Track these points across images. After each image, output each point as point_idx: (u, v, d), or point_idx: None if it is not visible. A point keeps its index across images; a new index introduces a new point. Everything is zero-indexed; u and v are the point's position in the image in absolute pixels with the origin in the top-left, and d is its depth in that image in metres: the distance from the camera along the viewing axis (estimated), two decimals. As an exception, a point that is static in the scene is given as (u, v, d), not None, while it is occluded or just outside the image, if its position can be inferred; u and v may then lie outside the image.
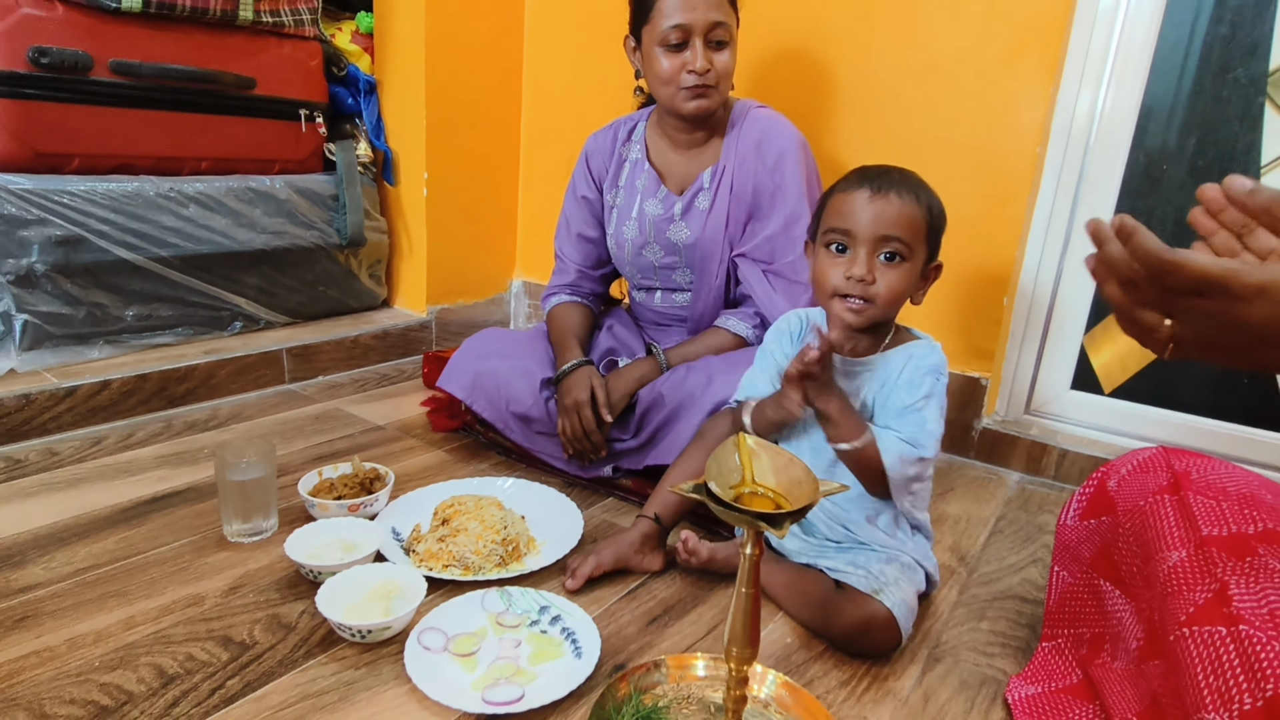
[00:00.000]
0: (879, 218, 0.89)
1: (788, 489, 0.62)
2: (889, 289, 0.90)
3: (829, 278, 0.92)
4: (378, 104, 1.96)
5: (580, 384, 1.26)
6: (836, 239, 0.92)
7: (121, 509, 1.15)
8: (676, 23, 1.20)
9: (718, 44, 1.23)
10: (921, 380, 0.92)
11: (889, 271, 0.90)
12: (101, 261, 1.47)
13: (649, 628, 0.95)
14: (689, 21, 1.20)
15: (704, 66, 1.22)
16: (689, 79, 1.23)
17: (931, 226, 0.92)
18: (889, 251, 0.90)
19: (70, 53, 1.40)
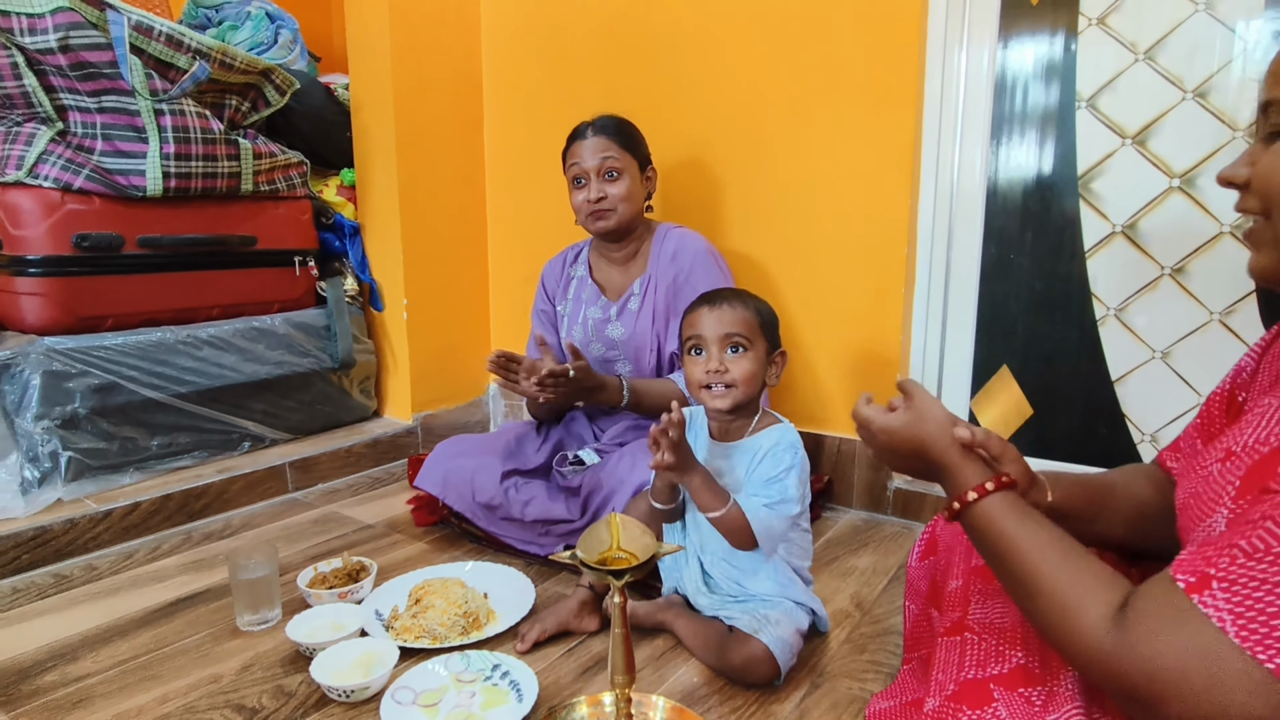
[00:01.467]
0: (720, 321, 1.16)
1: (640, 551, 0.86)
2: (741, 373, 1.15)
3: (693, 375, 1.18)
4: (362, 244, 2.28)
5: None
6: (693, 343, 1.18)
7: (152, 610, 1.38)
8: (574, 164, 1.57)
9: (610, 174, 1.56)
10: (782, 455, 1.16)
11: (738, 361, 1.16)
12: (131, 401, 1.74)
13: (581, 676, 1.16)
14: (584, 165, 1.56)
15: (597, 195, 1.56)
16: (587, 206, 1.57)
17: (764, 323, 1.18)
18: (733, 345, 1.16)
19: (105, 235, 1.72)
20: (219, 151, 1.83)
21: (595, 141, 1.56)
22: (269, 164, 1.98)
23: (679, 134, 1.95)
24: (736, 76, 1.86)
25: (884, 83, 1.67)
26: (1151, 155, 1.50)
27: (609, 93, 2.07)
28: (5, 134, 1.69)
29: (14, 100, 1.67)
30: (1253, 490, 0.56)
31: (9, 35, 1.59)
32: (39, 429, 1.62)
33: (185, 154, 1.77)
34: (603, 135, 1.57)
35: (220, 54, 1.81)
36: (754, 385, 1.17)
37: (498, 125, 2.35)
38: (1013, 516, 0.70)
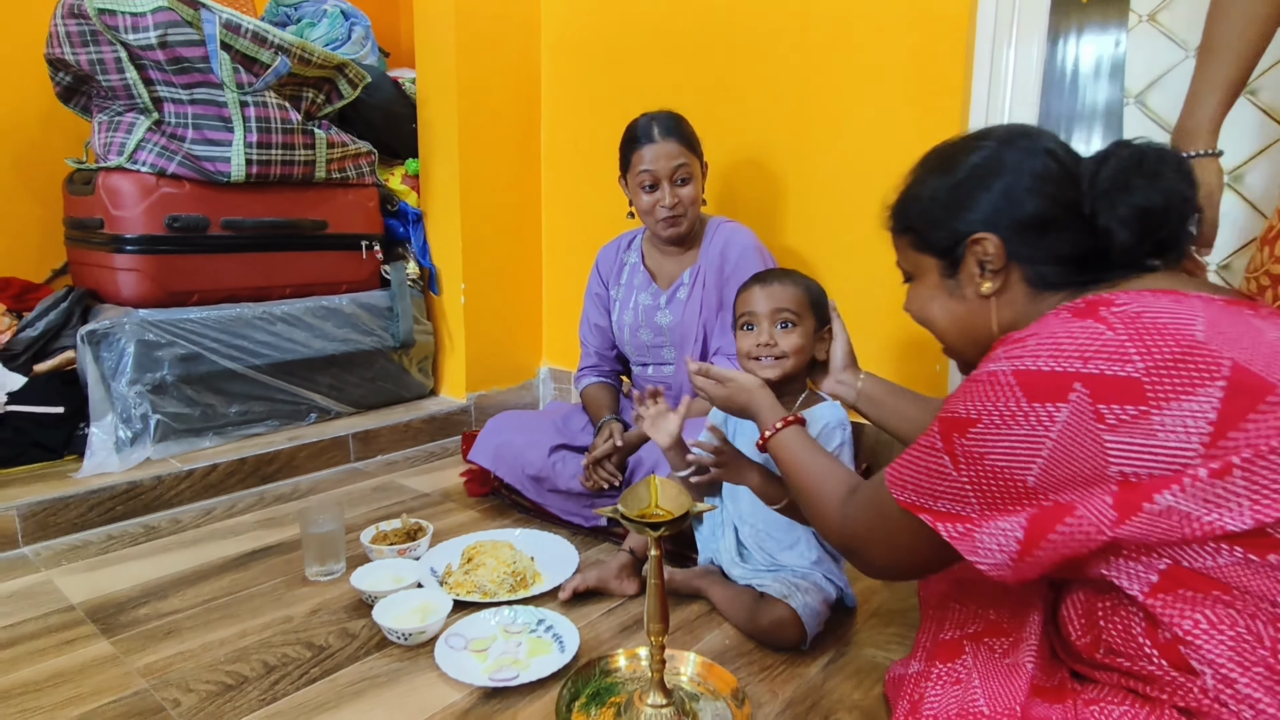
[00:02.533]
0: (771, 297, 1.22)
1: (676, 509, 0.93)
2: (790, 346, 1.21)
3: (743, 347, 1.24)
4: (423, 230, 2.41)
5: (606, 428, 1.62)
6: (745, 319, 1.24)
7: (230, 559, 1.51)
8: (646, 170, 1.59)
9: (682, 181, 1.60)
10: (834, 433, 1.21)
11: (788, 335, 1.21)
12: (212, 371, 1.89)
13: (620, 634, 1.24)
14: (656, 170, 1.58)
15: (672, 201, 1.59)
16: (662, 211, 1.60)
17: (813, 300, 1.23)
18: (783, 320, 1.22)
19: (194, 217, 1.86)
20: (296, 141, 1.97)
21: (667, 146, 1.57)
22: (340, 153, 2.11)
23: (729, 130, 2.01)
24: (786, 74, 1.91)
25: (931, 81, 1.70)
26: (1200, 152, 1.50)
27: (660, 89, 2.14)
28: (108, 123, 1.85)
29: (117, 92, 1.83)
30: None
31: (114, 32, 1.74)
32: (132, 393, 1.77)
33: (266, 143, 1.90)
34: (673, 139, 1.58)
35: (300, 50, 1.94)
36: (802, 358, 1.22)
37: (554, 119, 2.45)
38: (796, 443, 0.99)
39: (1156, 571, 0.65)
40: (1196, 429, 0.61)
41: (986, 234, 0.79)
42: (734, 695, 1.03)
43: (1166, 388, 0.62)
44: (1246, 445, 0.59)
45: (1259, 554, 0.60)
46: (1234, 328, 0.64)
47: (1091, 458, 0.64)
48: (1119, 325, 0.65)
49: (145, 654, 1.17)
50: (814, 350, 1.24)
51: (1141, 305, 0.66)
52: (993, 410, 0.68)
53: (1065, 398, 0.65)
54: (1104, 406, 0.63)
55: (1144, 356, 0.63)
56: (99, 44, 1.77)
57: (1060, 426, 0.65)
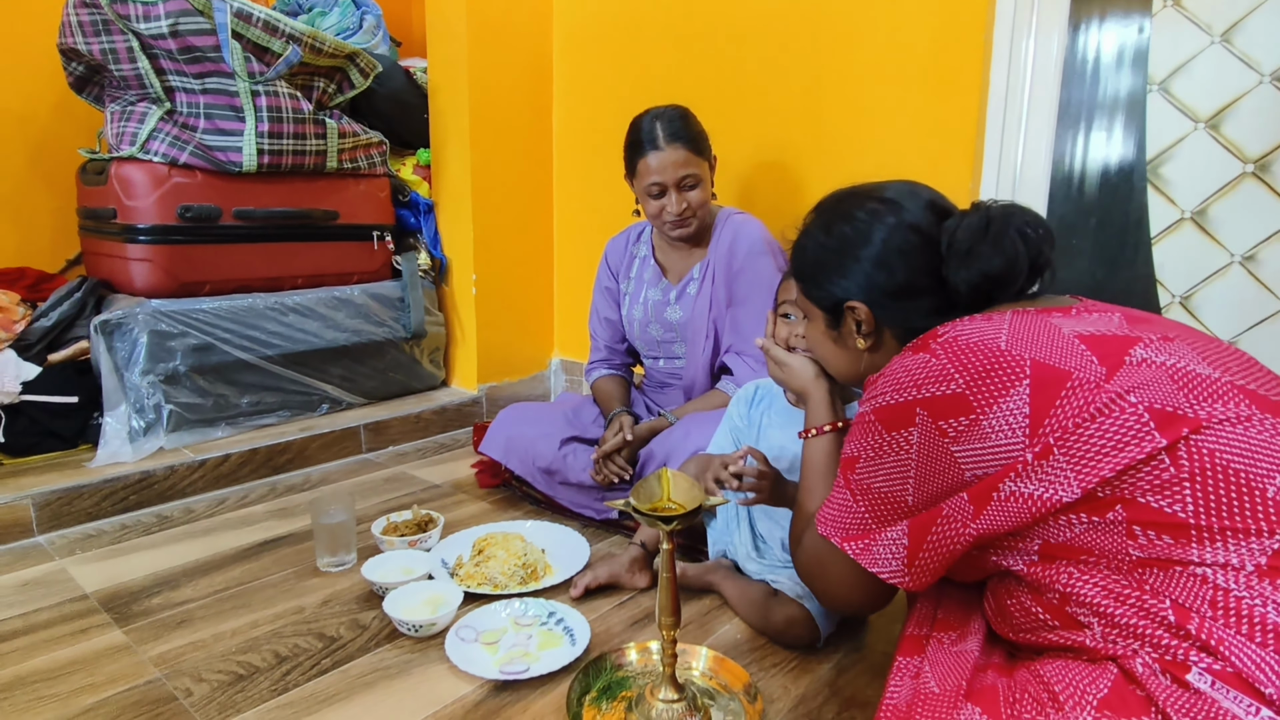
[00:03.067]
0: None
1: (688, 503, 0.92)
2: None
3: (780, 339, 1.21)
4: (435, 221, 2.40)
5: (616, 421, 1.61)
6: (785, 310, 1.21)
7: (242, 550, 1.51)
8: (654, 181, 1.56)
9: (689, 187, 1.57)
10: None
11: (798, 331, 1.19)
12: (225, 361, 1.89)
13: (631, 628, 1.23)
14: (663, 180, 1.56)
15: (679, 209, 1.57)
16: (670, 217, 1.58)
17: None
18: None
19: (206, 207, 1.86)
20: (308, 130, 1.96)
21: (673, 155, 1.53)
22: (352, 143, 2.10)
23: (742, 122, 1.99)
24: (801, 66, 1.89)
25: (948, 73, 1.67)
26: (1225, 140, 1.47)
27: (674, 80, 2.12)
28: (121, 113, 1.85)
29: (129, 82, 1.83)
30: None
31: (126, 21, 1.74)
32: (145, 383, 1.78)
33: (278, 132, 1.90)
34: (679, 145, 1.54)
35: (311, 39, 1.93)
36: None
37: (566, 111, 2.43)
38: (826, 454, 1.02)
39: (1033, 551, 0.73)
40: (1018, 424, 0.70)
41: (858, 303, 0.90)
42: (746, 691, 1.02)
43: (985, 395, 0.71)
44: (1058, 426, 0.68)
45: (1099, 514, 0.67)
46: (1032, 331, 0.73)
47: (948, 469, 0.74)
48: (940, 351, 0.75)
49: (158, 643, 1.18)
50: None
51: (956, 330, 0.76)
52: (867, 446, 0.80)
53: (913, 422, 0.75)
54: (943, 422, 0.73)
55: (962, 373, 0.73)
56: (111, 33, 1.77)
57: (916, 447, 0.76)
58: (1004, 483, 0.70)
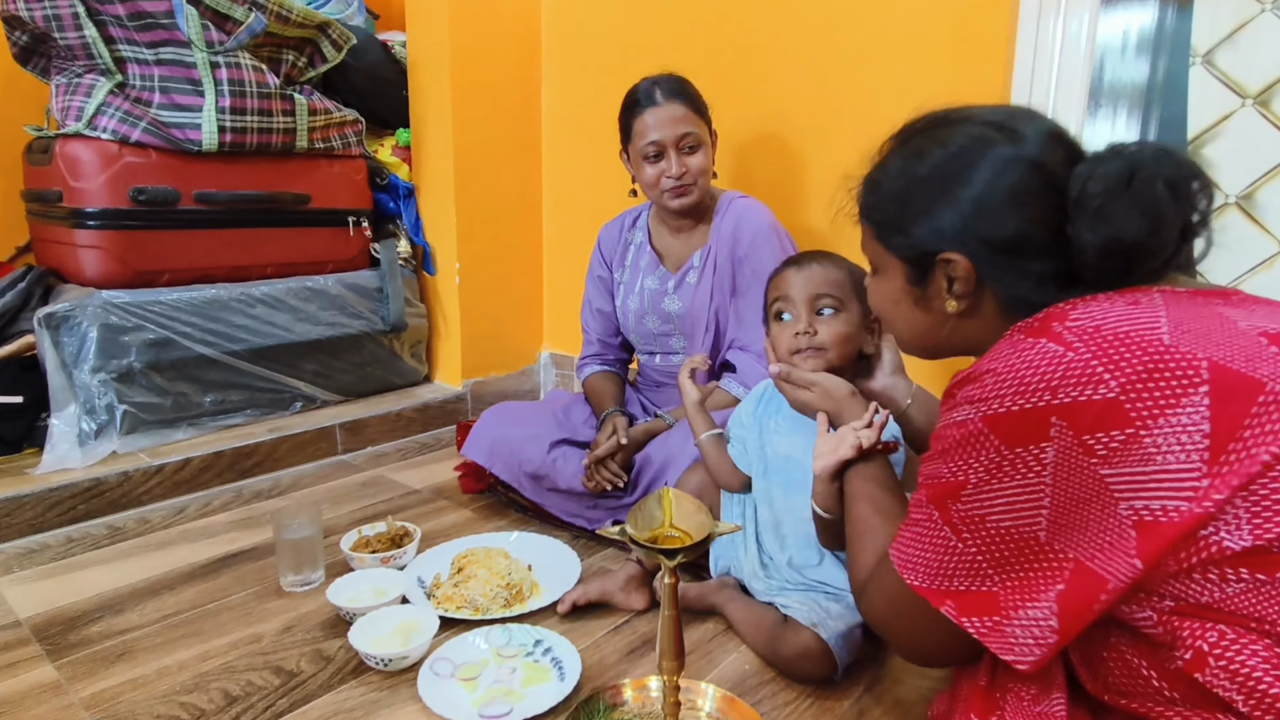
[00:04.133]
0: (808, 281, 1.07)
1: (694, 530, 0.79)
2: (831, 336, 1.05)
3: (780, 341, 1.08)
4: (416, 206, 2.25)
5: (608, 423, 1.48)
6: (778, 307, 1.09)
7: (199, 566, 1.38)
8: (651, 140, 1.43)
9: (689, 149, 1.45)
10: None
11: (829, 322, 1.06)
12: (185, 358, 1.75)
13: (627, 657, 1.11)
14: (661, 138, 1.43)
15: (679, 171, 1.44)
16: (668, 182, 1.45)
17: (857, 286, 1.07)
18: (823, 306, 1.07)
19: (162, 190, 1.71)
20: (274, 107, 1.81)
21: (671, 109, 1.42)
22: (324, 121, 1.95)
23: (744, 99, 1.84)
24: (807, 38, 1.74)
25: (970, 43, 1.53)
26: (1275, 117, 1.34)
27: (669, 54, 1.97)
28: (66, 85, 1.70)
29: (75, 51, 1.67)
30: None
31: (70, -16, 1.58)
32: (96, 381, 1.63)
33: (241, 108, 1.74)
34: (678, 102, 1.43)
35: (277, 6, 1.77)
36: (847, 349, 1.06)
37: (556, 88, 2.28)
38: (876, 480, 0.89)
39: (1163, 606, 0.58)
40: (1193, 444, 0.53)
41: (955, 255, 0.70)
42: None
43: (1148, 404, 0.54)
44: (1246, 456, 0.52)
45: (1267, 572, 0.53)
46: (1201, 323, 0.57)
47: (1096, 496, 0.57)
48: (1079, 343, 0.58)
49: (93, 680, 1.04)
50: (860, 343, 1.09)
51: (1094, 315, 0.60)
52: (976, 466, 0.62)
53: (1046, 435, 0.58)
54: (1089, 437, 0.56)
55: (1115, 373, 0.56)
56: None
57: (1052, 469, 0.58)
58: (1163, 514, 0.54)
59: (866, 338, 1.09)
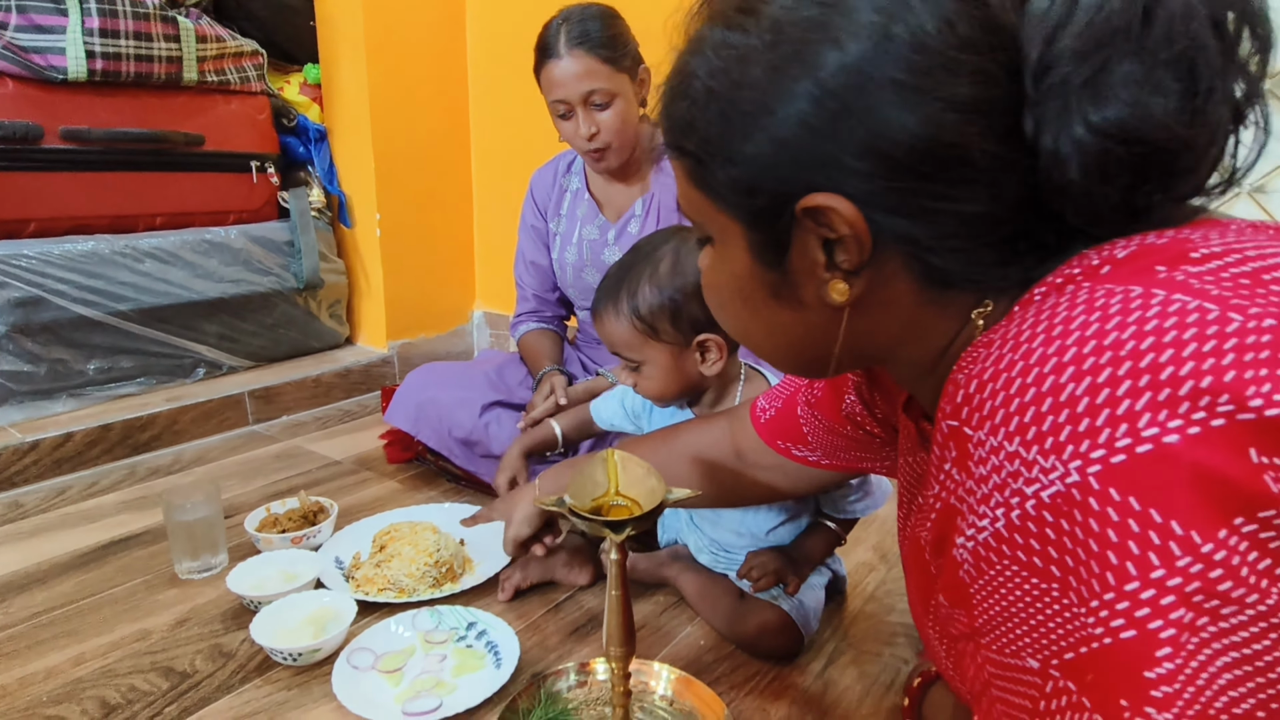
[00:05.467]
0: (607, 343, 0.97)
1: (645, 497, 0.68)
2: (644, 391, 0.98)
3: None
4: (329, 150, 2.05)
5: (545, 382, 1.37)
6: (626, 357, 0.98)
7: (81, 554, 1.21)
8: (555, 98, 1.27)
9: (599, 105, 1.27)
10: None
11: (640, 380, 0.97)
12: (61, 319, 1.54)
13: (570, 637, 1.00)
14: (565, 95, 1.26)
15: (589, 132, 1.27)
16: (582, 144, 1.30)
17: (651, 325, 0.91)
18: (630, 364, 0.96)
19: (20, 124, 1.48)
20: (154, 30, 1.58)
21: (575, 63, 1.23)
22: (217, 50, 1.72)
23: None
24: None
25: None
26: None
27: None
28: (-105, 0, 1.44)
29: (-97, -42, 1.41)
30: None
31: (-112, -126, 1.33)
32: (-48, 347, 1.42)
33: (112, 30, 1.51)
34: (583, 52, 1.24)
35: (152, -87, 1.54)
36: (673, 389, 0.96)
37: (483, 17, 2.09)
38: None
39: None
40: None
41: (829, 197, 0.39)
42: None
43: None
44: None
45: None
46: None
47: None
48: (1238, 297, 0.30)
49: (-62, 695, 0.88)
50: (690, 370, 0.95)
51: (1239, 250, 0.32)
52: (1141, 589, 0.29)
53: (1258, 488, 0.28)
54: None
55: None
56: None
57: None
58: None
59: (701, 360, 0.94)
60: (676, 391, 0.97)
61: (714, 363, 0.93)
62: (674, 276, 0.91)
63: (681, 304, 0.91)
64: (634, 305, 0.92)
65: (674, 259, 0.92)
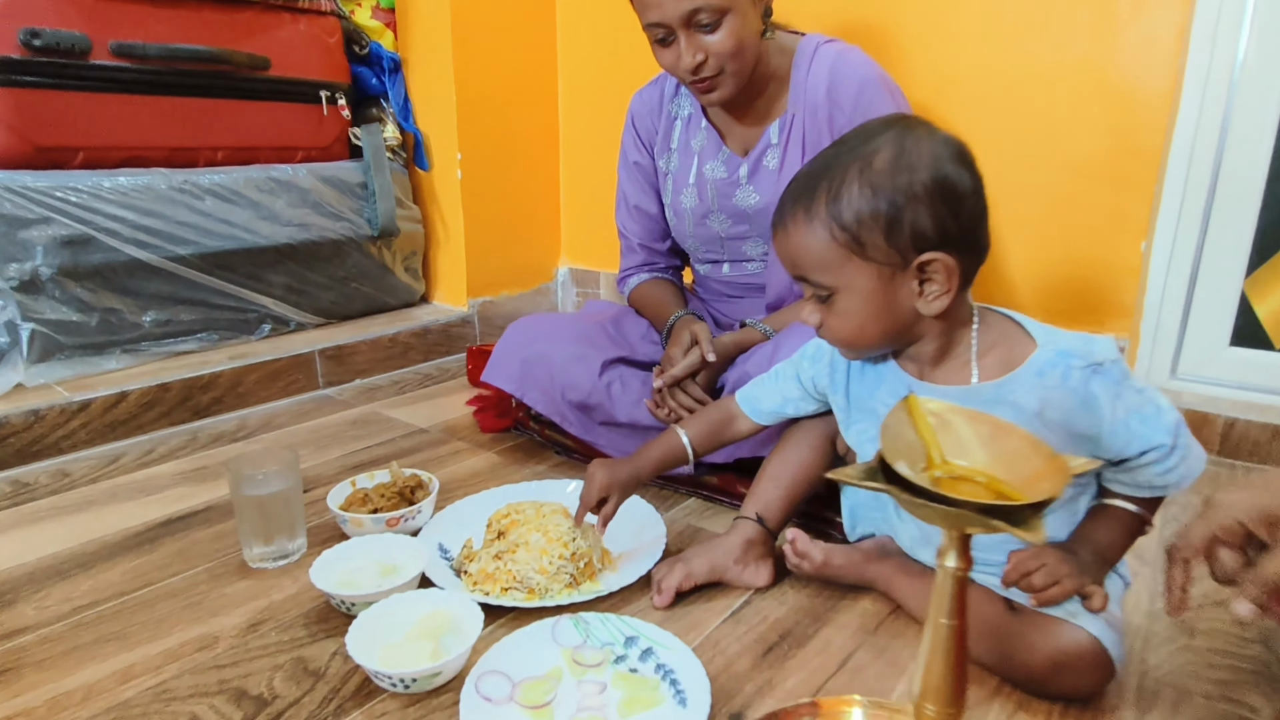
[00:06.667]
0: (789, 263, 0.70)
1: (1009, 468, 0.41)
2: (832, 333, 0.71)
3: None
4: (404, 83, 1.81)
5: (683, 331, 1.10)
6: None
7: (133, 534, 0.99)
8: (651, 21, 1.00)
9: (706, 27, 0.99)
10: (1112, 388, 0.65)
11: (830, 316, 0.70)
12: (113, 262, 1.33)
13: (764, 660, 0.75)
14: (661, 19, 0.99)
15: (693, 61, 1.00)
16: (686, 76, 1.03)
17: (857, 238, 0.65)
18: (815, 293, 0.70)
19: (66, 34, 1.27)
20: (214, -75, 1.35)
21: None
22: (283, -44, 1.49)
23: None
24: None
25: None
26: None
27: None
28: (-79, -116, 1.23)
29: None
30: None
31: None
32: (-10, 291, 1.22)
33: (167, -80, 1.29)
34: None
35: None
36: (873, 331, 0.69)
37: (574, -70, 1.83)
38: None
39: None
40: None
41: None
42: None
43: None
44: None
45: None
46: None
47: None
48: None
49: (-53, 719, 0.67)
50: (904, 303, 0.67)
51: None
52: None
53: None
54: None
55: None
56: None
57: None
58: None
59: (924, 289, 0.66)
60: (877, 334, 0.69)
61: (936, 296, 0.65)
62: (895, 174, 0.64)
63: (902, 210, 0.64)
64: (835, 210, 0.65)
65: (895, 150, 0.65)
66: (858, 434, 0.80)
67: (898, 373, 0.74)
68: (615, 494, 0.87)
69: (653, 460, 0.90)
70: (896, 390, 0.74)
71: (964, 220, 0.65)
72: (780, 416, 0.90)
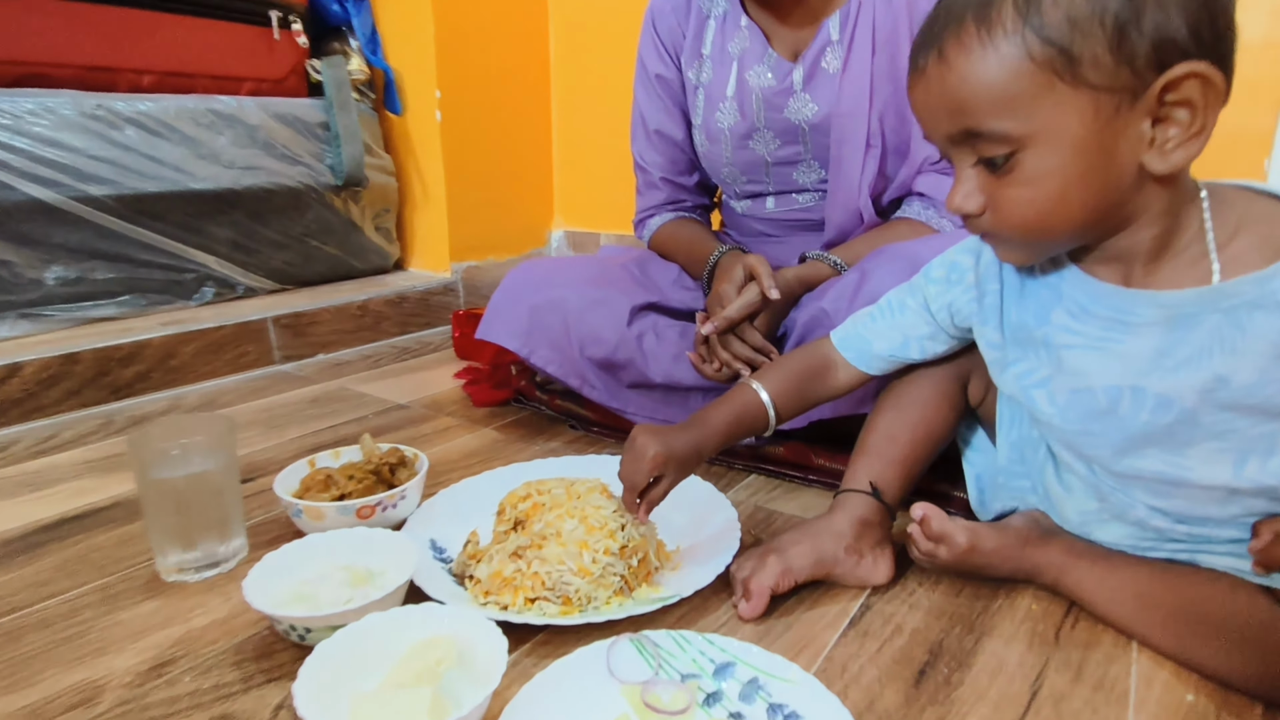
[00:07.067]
0: (943, 113, 0.47)
1: None
2: (1010, 217, 0.48)
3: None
4: (371, 12, 1.55)
5: (734, 266, 0.85)
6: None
7: (7, 540, 0.73)
8: None
9: None
10: None
11: (1009, 188, 0.47)
12: (7, 203, 1.06)
13: (919, 690, 0.51)
14: None
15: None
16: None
17: (1068, 52, 0.42)
18: (984, 157, 0.47)
19: (-68, -96, 1.00)
20: None
21: None
22: None
23: None
24: None
25: None
26: None
27: None
28: None
29: None
30: None
31: None
32: None
33: None
34: None
35: None
36: (1077, 198, 0.45)
37: None
38: None
39: None
40: None
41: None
42: None
43: None
44: None
45: None
46: None
47: None
48: None
49: None
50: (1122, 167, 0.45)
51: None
52: None
53: None
54: None
55: None
56: None
57: None
58: None
59: (1146, 131, 0.44)
60: (1081, 209, 0.46)
61: (1181, 140, 0.43)
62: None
63: (1143, 7, 0.41)
64: (1032, 15, 0.42)
65: None
66: (1019, 377, 0.57)
67: (1084, 282, 0.51)
68: (672, 472, 0.62)
69: (719, 426, 0.66)
70: (1085, 307, 0.51)
71: (1221, 19, 0.42)
72: (897, 362, 0.67)
